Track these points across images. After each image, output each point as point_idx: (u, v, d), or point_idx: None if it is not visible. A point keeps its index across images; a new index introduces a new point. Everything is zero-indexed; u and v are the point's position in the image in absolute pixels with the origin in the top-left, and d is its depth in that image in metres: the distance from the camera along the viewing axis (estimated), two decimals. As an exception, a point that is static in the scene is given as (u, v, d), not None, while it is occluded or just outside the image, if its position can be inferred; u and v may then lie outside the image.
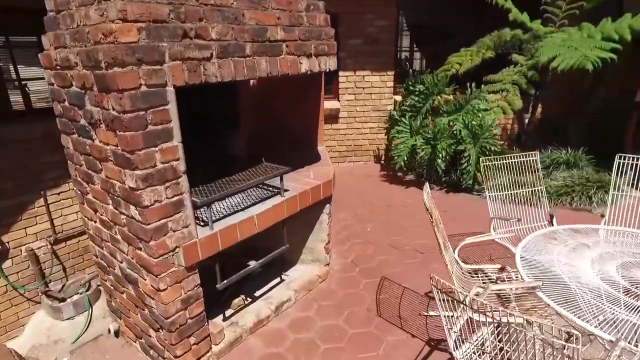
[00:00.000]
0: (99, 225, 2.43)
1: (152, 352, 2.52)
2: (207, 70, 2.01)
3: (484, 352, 1.88)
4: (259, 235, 2.55)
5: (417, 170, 5.80)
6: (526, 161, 3.30)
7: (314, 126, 3.83)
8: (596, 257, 2.35)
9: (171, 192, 2.01)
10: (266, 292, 3.13)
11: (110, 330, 2.85)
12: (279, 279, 3.28)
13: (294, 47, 2.52)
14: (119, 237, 2.25)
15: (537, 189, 3.29)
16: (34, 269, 3.50)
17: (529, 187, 3.33)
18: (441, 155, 5.14)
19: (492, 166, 3.30)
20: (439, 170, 5.25)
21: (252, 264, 2.72)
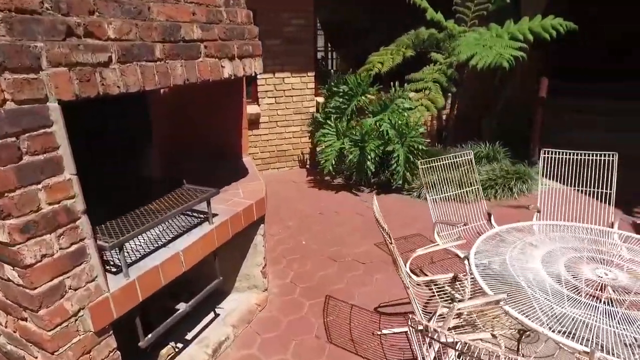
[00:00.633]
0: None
1: None
2: (106, 78, 1.55)
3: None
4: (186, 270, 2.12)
5: (345, 173, 5.66)
6: (461, 160, 3.27)
7: (238, 135, 3.44)
8: (545, 257, 2.33)
9: (67, 241, 1.52)
10: (200, 332, 2.68)
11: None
12: (213, 314, 2.85)
13: (214, 48, 2.13)
14: (-6, 304, 1.69)
15: (475, 188, 3.28)
16: None
17: (466, 186, 3.30)
18: (370, 157, 5.03)
19: (429, 168, 3.21)
20: (369, 172, 5.15)
21: (182, 306, 2.28)
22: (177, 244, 2.12)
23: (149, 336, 2.03)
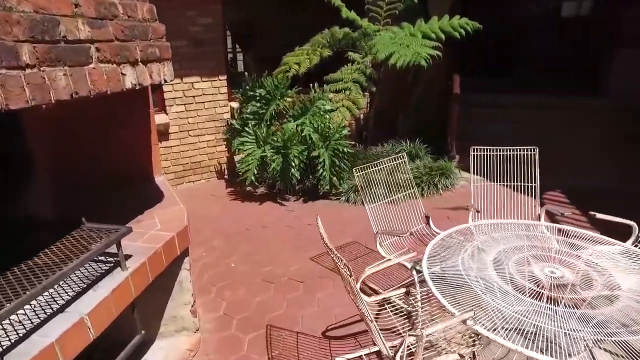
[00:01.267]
0: None
1: None
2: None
3: None
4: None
5: (268, 181, 5.33)
6: (396, 164, 3.15)
7: (147, 153, 2.95)
8: (495, 261, 2.26)
9: None
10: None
11: None
12: (133, 372, 2.36)
13: (109, 52, 1.68)
14: None
15: (410, 192, 3.17)
16: None
17: (402, 190, 3.19)
18: (294, 163, 4.77)
19: (364, 175, 3.03)
20: (294, 179, 4.88)
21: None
22: (81, 304, 1.64)
23: None
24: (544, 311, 1.85)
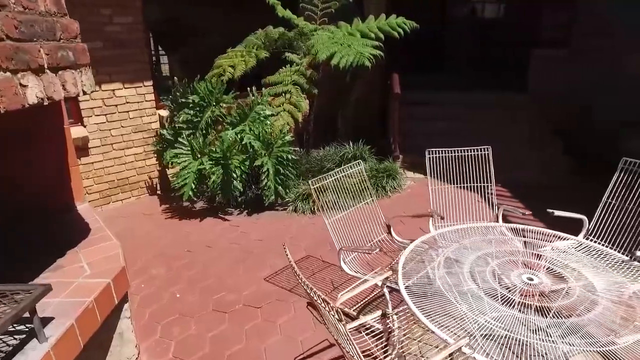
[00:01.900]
0: None
1: None
2: None
3: None
4: None
5: (207, 194, 4.90)
6: (352, 172, 2.94)
7: (62, 177, 2.46)
8: (472, 272, 2.15)
9: None
10: None
11: None
12: None
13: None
14: None
15: (369, 201, 2.99)
16: None
17: (359, 199, 2.99)
18: (236, 174, 4.40)
19: (320, 187, 2.79)
20: (236, 192, 4.51)
21: None
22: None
23: None
24: (535, 324, 1.76)
